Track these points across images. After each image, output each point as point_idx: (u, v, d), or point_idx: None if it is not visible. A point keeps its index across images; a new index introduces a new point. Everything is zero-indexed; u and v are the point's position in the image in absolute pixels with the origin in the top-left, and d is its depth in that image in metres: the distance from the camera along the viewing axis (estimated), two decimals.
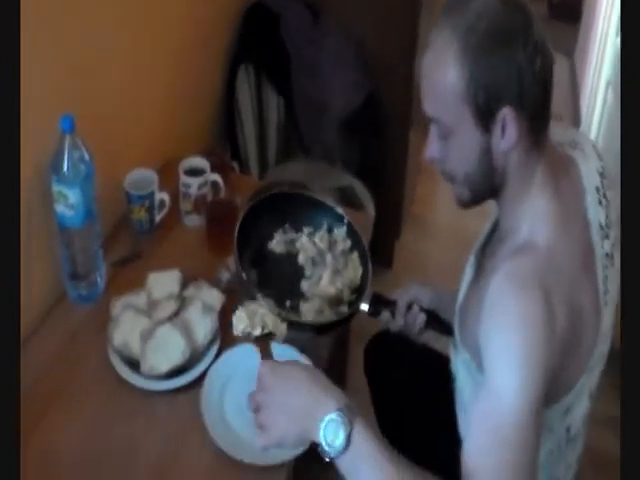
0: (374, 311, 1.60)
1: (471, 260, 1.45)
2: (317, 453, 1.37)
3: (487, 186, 1.30)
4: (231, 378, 1.57)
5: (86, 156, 1.58)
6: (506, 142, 1.22)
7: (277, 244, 1.66)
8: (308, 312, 1.57)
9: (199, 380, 1.56)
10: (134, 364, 1.58)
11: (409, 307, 1.61)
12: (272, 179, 2.40)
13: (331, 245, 1.68)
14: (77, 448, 1.48)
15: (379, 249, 2.37)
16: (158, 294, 1.66)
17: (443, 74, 1.21)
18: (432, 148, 1.30)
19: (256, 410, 1.22)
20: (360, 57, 2.67)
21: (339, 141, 2.69)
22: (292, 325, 1.47)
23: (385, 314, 1.60)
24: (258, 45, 2.58)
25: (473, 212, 1.43)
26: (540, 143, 1.27)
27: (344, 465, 1.12)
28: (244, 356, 1.59)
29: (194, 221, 1.96)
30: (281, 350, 1.48)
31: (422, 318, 1.59)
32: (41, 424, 1.50)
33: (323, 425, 1.12)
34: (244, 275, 1.52)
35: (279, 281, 1.62)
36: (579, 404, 1.32)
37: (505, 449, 1.10)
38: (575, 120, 4.37)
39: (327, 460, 1.13)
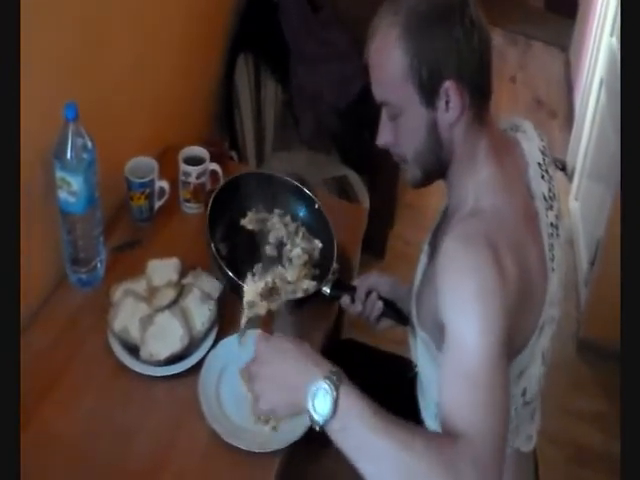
0: (335, 295, 1.68)
1: (425, 249, 1.51)
2: (310, 441, 1.42)
3: (436, 162, 1.36)
4: (228, 366, 1.60)
5: (89, 144, 1.60)
6: (451, 115, 1.30)
7: (249, 221, 1.75)
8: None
9: (197, 367, 1.60)
10: (133, 349, 1.62)
11: (368, 294, 1.67)
12: (269, 169, 2.43)
13: (297, 229, 1.78)
14: (77, 430, 1.51)
15: (372, 239, 2.41)
16: (157, 281, 1.69)
17: (388, 56, 1.29)
18: (383, 133, 1.38)
19: (250, 380, 1.28)
20: (357, 49, 2.69)
21: (335, 131, 2.72)
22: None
23: (345, 298, 1.68)
24: (258, 35, 2.60)
25: None
26: (482, 117, 1.34)
27: (334, 431, 1.15)
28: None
29: (193, 209, 1.99)
30: None
31: (379, 305, 1.66)
32: (42, 406, 1.53)
33: (310, 394, 1.16)
34: (212, 246, 1.60)
35: (247, 256, 1.71)
36: (533, 365, 1.37)
37: (476, 390, 1.14)
38: (569, 117, 4.40)
39: (318, 428, 1.16)
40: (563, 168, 4.00)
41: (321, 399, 1.15)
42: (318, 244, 1.78)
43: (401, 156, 1.40)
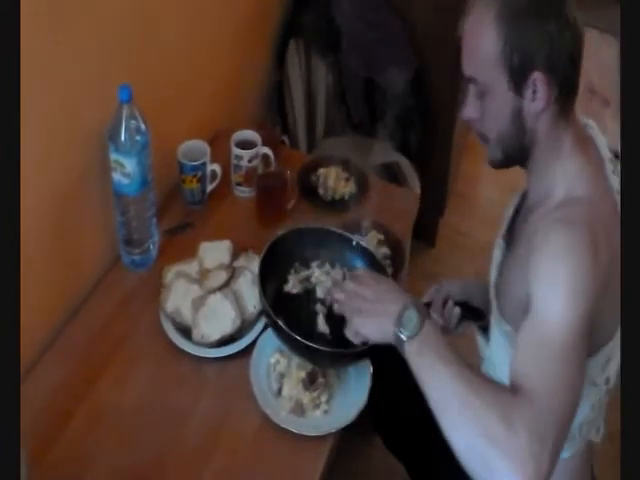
0: None
1: (500, 243, 1.49)
2: (359, 428, 1.47)
3: (518, 147, 1.36)
4: (279, 348, 1.60)
5: (142, 126, 1.61)
6: (536, 105, 1.30)
7: (293, 286, 1.64)
8: None
9: (248, 349, 1.60)
10: (185, 330, 1.62)
11: (443, 305, 1.64)
12: (319, 153, 2.41)
13: (343, 274, 1.65)
14: (131, 406, 1.53)
15: (423, 226, 2.38)
16: (209, 263, 1.69)
17: (482, 36, 1.30)
18: (469, 108, 1.38)
19: (346, 298, 1.39)
20: (409, 33, 2.66)
21: (386, 117, 2.69)
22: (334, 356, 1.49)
23: None
24: (308, 20, 2.58)
25: (516, 191, 1.52)
26: (567, 113, 1.34)
27: (411, 353, 1.23)
28: None
29: (245, 193, 1.99)
30: None
31: (457, 312, 1.63)
32: (97, 381, 1.56)
33: (401, 315, 1.27)
34: (280, 322, 1.47)
35: (305, 322, 1.58)
36: (617, 354, 1.37)
37: (551, 361, 1.16)
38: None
39: (400, 348, 1.26)
40: (617, 156, 3.93)
41: (407, 320, 1.26)
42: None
43: (483, 135, 1.39)
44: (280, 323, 1.46)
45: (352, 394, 1.55)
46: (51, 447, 1.46)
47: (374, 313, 1.33)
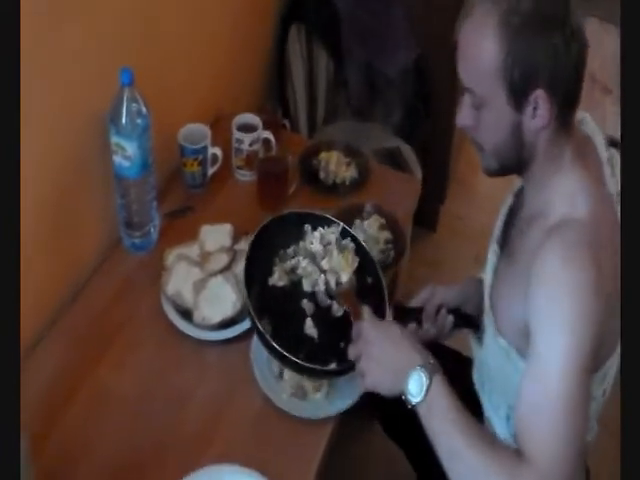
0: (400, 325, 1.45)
1: (494, 248, 1.46)
2: (359, 413, 1.49)
3: (515, 160, 1.32)
4: None
5: (143, 109, 1.60)
6: (536, 122, 1.24)
7: (279, 278, 1.53)
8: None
9: (249, 332, 1.59)
10: (185, 313, 1.62)
11: (436, 312, 1.58)
12: (320, 138, 2.41)
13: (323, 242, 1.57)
14: (131, 391, 1.53)
15: (423, 213, 2.38)
16: (210, 246, 1.69)
17: (481, 46, 1.22)
18: (464, 115, 1.31)
19: (357, 357, 1.35)
20: (410, 20, 2.65)
21: (387, 103, 2.68)
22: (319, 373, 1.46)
23: (411, 325, 1.55)
24: (309, 5, 2.57)
25: (518, 179, 1.47)
26: (568, 126, 1.29)
27: (421, 414, 1.25)
28: None
29: (245, 176, 1.99)
30: None
31: (450, 320, 1.57)
32: (97, 367, 1.56)
33: (409, 377, 1.26)
34: (260, 327, 1.42)
35: (292, 322, 1.51)
36: (613, 367, 1.35)
37: (554, 411, 1.14)
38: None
39: (410, 407, 1.26)
40: (615, 145, 3.91)
41: (415, 384, 1.25)
42: (349, 243, 1.57)
43: (479, 144, 1.34)
44: (268, 337, 1.41)
45: (353, 378, 1.54)
46: (51, 431, 1.46)
47: (384, 372, 1.31)
